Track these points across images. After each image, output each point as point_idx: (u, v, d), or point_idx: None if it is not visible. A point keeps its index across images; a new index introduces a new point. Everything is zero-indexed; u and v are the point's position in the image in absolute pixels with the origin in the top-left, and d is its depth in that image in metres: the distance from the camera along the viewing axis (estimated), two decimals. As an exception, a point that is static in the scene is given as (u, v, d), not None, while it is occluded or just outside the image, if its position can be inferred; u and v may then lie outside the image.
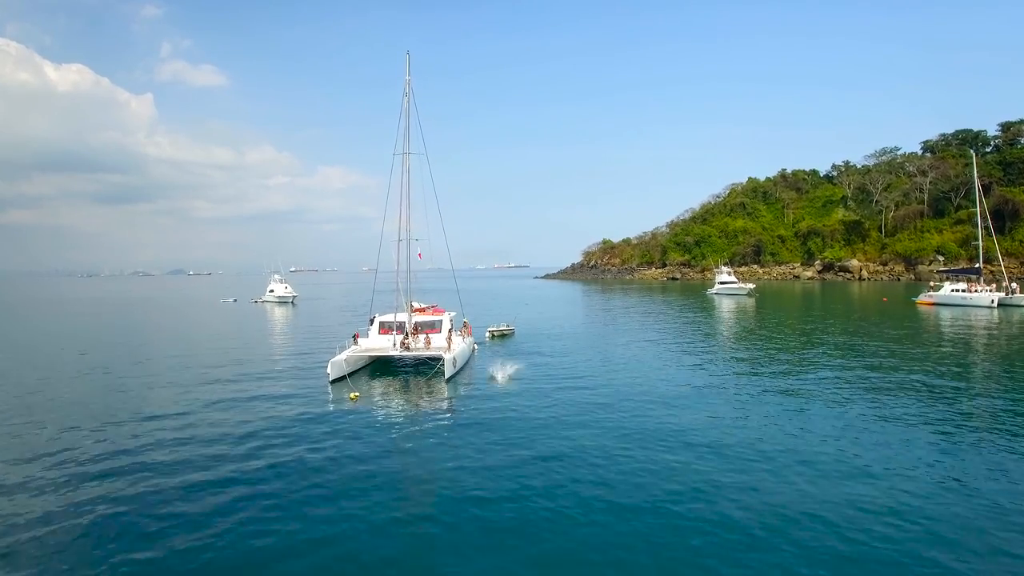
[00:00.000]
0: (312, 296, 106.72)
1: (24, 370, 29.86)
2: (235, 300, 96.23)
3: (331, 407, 20.79)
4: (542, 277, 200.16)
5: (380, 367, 28.61)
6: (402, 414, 19.99)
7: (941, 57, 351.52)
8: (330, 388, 23.87)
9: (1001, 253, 71.34)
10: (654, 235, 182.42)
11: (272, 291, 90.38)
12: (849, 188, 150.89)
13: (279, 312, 71.71)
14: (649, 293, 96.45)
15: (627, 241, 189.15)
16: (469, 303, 38.97)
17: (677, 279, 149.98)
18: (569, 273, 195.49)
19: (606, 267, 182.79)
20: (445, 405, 21.15)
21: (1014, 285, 58.89)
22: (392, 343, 27.64)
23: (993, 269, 79.69)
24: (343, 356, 25.82)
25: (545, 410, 19.50)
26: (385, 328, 29.28)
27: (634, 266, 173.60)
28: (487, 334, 38.80)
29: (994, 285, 61.15)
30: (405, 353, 27.11)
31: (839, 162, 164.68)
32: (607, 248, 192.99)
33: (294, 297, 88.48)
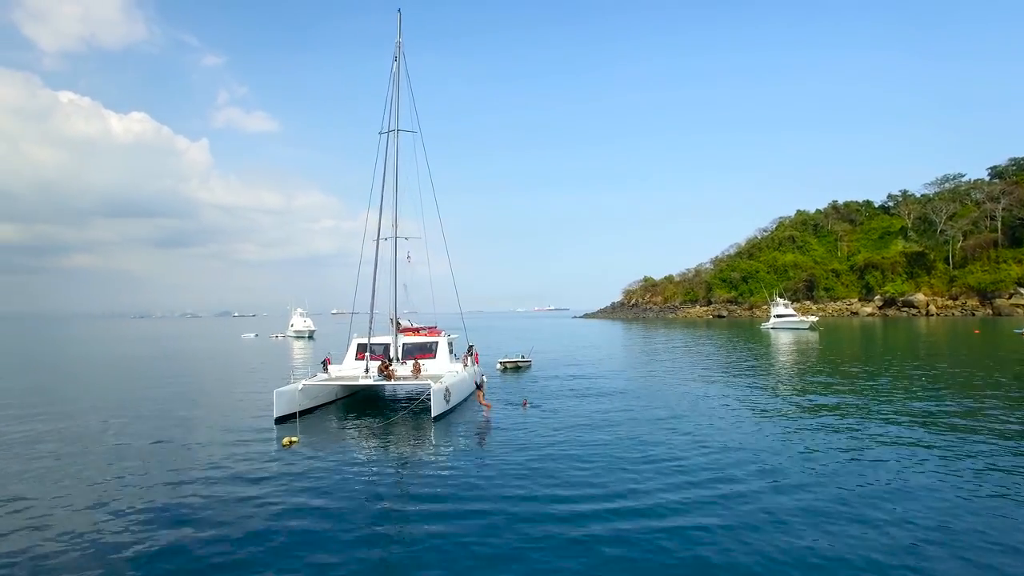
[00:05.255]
0: (331, 332, 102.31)
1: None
2: (256, 335, 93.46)
3: (251, 459, 14.69)
4: (581, 316, 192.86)
5: (358, 402, 22.71)
6: (356, 473, 13.75)
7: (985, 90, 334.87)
8: (275, 429, 18.01)
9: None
10: (698, 272, 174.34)
11: (292, 325, 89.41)
12: (909, 218, 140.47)
13: (295, 345, 69.07)
14: (694, 329, 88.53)
15: (669, 278, 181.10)
16: (500, 340, 33.17)
17: (724, 316, 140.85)
18: (609, 312, 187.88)
19: (647, 305, 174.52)
20: (427, 458, 14.97)
21: None
22: (366, 369, 21.63)
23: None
24: (297, 386, 19.92)
25: (572, 472, 13.18)
26: (363, 352, 23.41)
27: (677, 304, 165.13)
28: (498, 365, 33.10)
29: None
30: (385, 382, 21.07)
31: (895, 192, 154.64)
32: (648, 286, 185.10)
33: (311, 331, 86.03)
